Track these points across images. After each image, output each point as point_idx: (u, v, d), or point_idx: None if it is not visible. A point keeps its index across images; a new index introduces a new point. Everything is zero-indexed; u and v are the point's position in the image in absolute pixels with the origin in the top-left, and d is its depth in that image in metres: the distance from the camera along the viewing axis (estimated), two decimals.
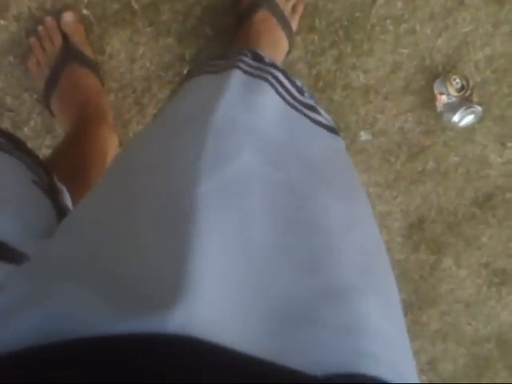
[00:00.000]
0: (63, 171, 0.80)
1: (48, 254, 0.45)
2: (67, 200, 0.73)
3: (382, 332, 0.42)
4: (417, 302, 1.69)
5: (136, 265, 0.41)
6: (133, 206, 0.48)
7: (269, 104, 0.59)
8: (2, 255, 0.48)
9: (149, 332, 0.33)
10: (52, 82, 1.12)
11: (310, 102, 0.67)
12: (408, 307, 1.69)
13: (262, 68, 0.65)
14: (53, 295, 0.36)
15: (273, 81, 0.63)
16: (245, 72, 0.62)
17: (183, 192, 0.45)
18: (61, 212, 0.66)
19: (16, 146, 0.69)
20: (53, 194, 0.68)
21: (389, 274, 0.51)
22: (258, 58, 0.68)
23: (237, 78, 0.60)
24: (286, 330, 0.39)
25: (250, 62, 0.65)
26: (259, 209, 0.46)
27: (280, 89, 0.63)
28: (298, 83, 0.69)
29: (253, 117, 0.55)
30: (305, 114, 0.64)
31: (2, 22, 1.09)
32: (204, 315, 0.35)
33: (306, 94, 0.68)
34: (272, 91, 0.61)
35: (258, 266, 0.42)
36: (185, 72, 1.21)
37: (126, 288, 0.38)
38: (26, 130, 1.20)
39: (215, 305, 0.37)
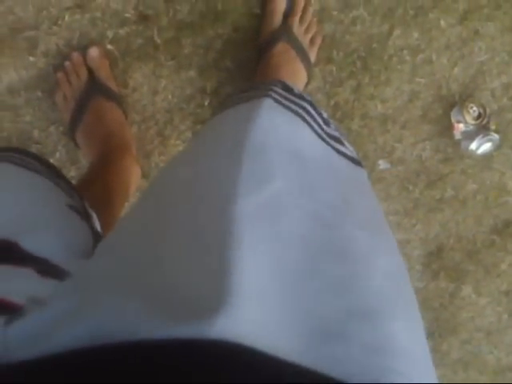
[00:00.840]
0: (88, 202, 0.82)
1: (90, 271, 0.47)
2: (97, 226, 0.76)
3: (407, 352, 0.44)
4: (437, 330, 1.68)
5: (178, 277, 0.43)
6: (171, 222, 0.50)
7: (299, 133, 0.61)
8: (47, 271, 0.50)
9: (192, 337, 0.34)
10: (78, 114, 1.15)
11: (336, 133, 0.69)
12: (428, 335, 1.68)
13: (291, 99, 0.66)
14: (101, 305, 0.38)
15: (301, 111, 0.65)
16: (275, 101, 0.64)
17: (221, 209, 0.47)
18: (95, 235, 0.68)
19: (53, 171, 0.72)
20: (87, 218, 0.70)
21: (413, 297, 0.53)
22: (287, 88, 0.70)
23: (268, 105, 0.62)
24: (318, 345, 0.40)
25: (281, 91, 0.67)
26: (290, 233, 0.48)
27: (308, 119, 0.65)
28: (325, 115, 0.70)
29: (284, 143, 0.57)
30: (331, 146, 0.66)
31: (31, 58, 1.13)
32: (245, 324, 0.37)
33: (331, 126, 0.70)
34: (301, 121, 0.63)
35: (291, 284, 0.44)
36: (206, 104, 1.24)
37: (170, 298, 0.39)
38: (51, 161, 1.22)
39: (255, 316, 0.38)
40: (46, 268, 0.51)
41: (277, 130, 0.58)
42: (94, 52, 1.13)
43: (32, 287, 0.45)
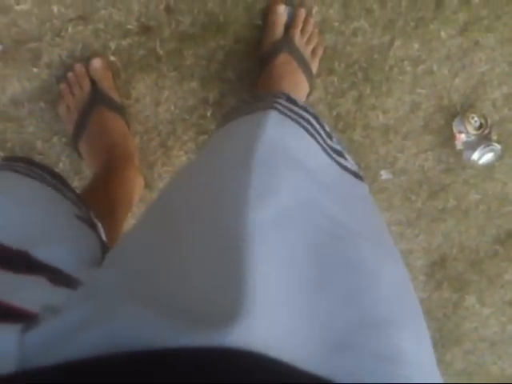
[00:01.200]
0: (92, 212, 0.83)
1: (102, 280, 0.48)
2: (103, 235, 0.76)
3: (416, 361, 0.45)
4: (440, 341, 1.68)
5: (191, 285, 0.43)
6: (182, 233, 0.51)
7: (304, 145, 0.62)
8: (59, 279, 0.50)
9: (208, 346, 0.35)
10: (81, 125, 1.16)
11: (338, 147, 0.70)
12: (431, 346, 1.67)
13: (295, 111, 0.67)
14: (116, 313, 0.38)
15: (305, 124, 0.66)
16: (280, 112, 0.64)
17: (233, 221, 0.47)
18: (102, 244, 0.68)
19: (59, 181, 0.73)
20: (94, 228, 0.71)
21: (418, 305, 0.54)
22: (291, 100, 0.70)
23: (273, 117, 0.62)
24: (330, 355, 0.41)
25: (285, 103, 0.68)
26: (299, 244, 0.49)
27: (312, 132, 0.65)
28: (327, 128, 0.71)
29: (290, 156, 0.58)
30: (334, 159, 0.67)
31: (35, 69, 1.14)
32: (259, 333, 0.37)
33: (334, 139, 0.71)
34: (306, 134, 0.64)
35: (302, 295, 0.45)
36: (208, 114, 1.25)
37: (184, 306, 0.40)
38: None
39: (268, 325, 0.39)
40: (58, 277, 0.52)
41: (283, 142, 0.59)
42: (96, 63, 1.14)
43: (45, 295, 0.46)
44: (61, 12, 1.09)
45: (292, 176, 0.55)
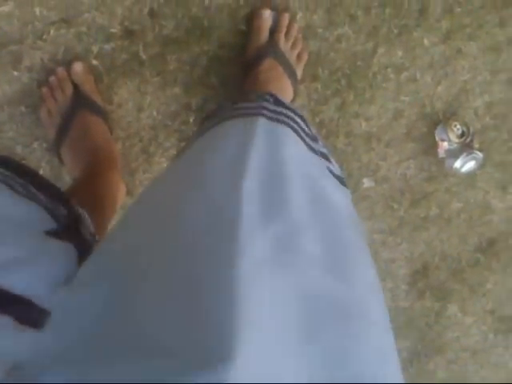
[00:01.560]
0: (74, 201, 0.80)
1: (69, 330, 0.46)
2: (89, 225, 0.73)
3: None
4: (423, 350, 1.68)
5: (175, 326, 0.42)
6: (163, 263, 0.48)
7: (293, 149, 0.61)
8: (27, 317, 0.48)
9: None
10: (63, 129, 1.14)
11: (324, 150, 0.69)
12: (414, 355, 1.67)
13: (283, 112, 0.66)
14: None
15: (293, 124, 0.65)
16: (268, 118, 0.63)
17: (222, 261, 0.46)
18: (84, 245, 0.65)
19: (34, 182, 0.70)
20: (75, 224, 0.68)
21: (392, 335, 0.53)
22: (278, 102, 0.69)
23: (262, 126, 0.61)
24: None
25: (272, 107, 0.67)
26: (288, 285, 0.48)
27: (300, 132, 0.65)
28: (313, 130, 0.70)
29: (280, 171, 0.56)
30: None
31: (15, 73, 1.12)
32: (246, 379, 0.36)
33: (319, 142, 0.70)
34: (294, 135, 0.63)
35: (291, 344, 0.44)
36: (191, 121, 1.24)
37: (167, 347, 0.39)
38: None
39: (256, 372, 0.38)
40: (25, 311, 0.49)
41: (272, 155, 0.58)
42: (77, 67, 1.12)
43: (7, 345, 0.43)
44: (43, 14, 1.07)
45: (282, 200, 0.53)
